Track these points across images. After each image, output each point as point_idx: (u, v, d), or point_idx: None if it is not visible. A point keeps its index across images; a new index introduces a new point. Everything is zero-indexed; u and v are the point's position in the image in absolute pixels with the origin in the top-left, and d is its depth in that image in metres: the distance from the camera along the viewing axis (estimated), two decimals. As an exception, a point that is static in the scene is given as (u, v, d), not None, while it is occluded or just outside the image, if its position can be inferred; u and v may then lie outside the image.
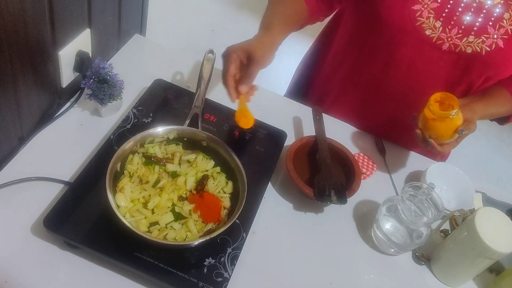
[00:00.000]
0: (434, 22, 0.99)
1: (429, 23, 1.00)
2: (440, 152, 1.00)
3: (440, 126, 0.96)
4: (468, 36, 1.00)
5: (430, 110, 0.95)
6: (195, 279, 0.82)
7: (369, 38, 1.10)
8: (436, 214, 0.94)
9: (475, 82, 1.08)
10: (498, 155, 3.07)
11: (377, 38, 1.07)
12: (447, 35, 1.00)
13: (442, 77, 1.08)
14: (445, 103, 0.96)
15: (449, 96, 0.95)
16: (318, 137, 1.09)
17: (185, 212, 0.89)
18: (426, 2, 0.99)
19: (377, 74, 1.13)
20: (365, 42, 1.11)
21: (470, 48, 1.01)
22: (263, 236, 0.96)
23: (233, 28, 3.19)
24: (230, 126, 1.09)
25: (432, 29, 1.00)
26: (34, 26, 0.84)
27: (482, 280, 1.03)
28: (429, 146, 0.98)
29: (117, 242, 0.83)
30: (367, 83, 1.17)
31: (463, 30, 1.00)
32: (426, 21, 1.00)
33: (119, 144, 0.92)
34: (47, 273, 0.81)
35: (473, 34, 1.00)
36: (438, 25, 1.00)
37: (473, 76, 1.07)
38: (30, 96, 0.92)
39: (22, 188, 0.90)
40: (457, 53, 1.02)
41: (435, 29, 1.00)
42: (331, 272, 0.95)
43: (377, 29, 1.05)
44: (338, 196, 0.99)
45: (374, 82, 1.16)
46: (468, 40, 1.00)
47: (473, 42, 1.00)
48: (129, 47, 1.25)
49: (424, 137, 0.99)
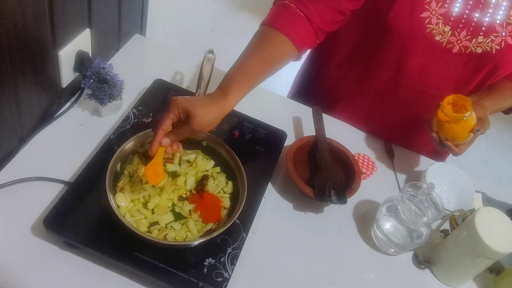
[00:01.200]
0: (443, 27, 0.99)
1: (438, 29, 0.99)
2: (457, 153, 1.02)
3: (456, 128, 0.97)
4: (477, 37, 1.00)
5: (444, 113, 0.96)
6: (195, 279, 0.82)
7: (377, 48, 1.09)
8: (436, 214, 0.94)
9: (486, 80, 1.09)
10: (498, 155, 3.07)
11: (386, 48, 1.06)
12: (456, 38, 1.00)
13: (453, 79, 1.08)
14: (457, 104, 0.97)
15: (461, 98, 0.97)
16: (318, 137, 1.09)
17: (185, 212, 0.89)
18: (434, 9, 0.99)
19: (387, 82, 1.13)
20: (373, 52, 1.10)
21: (480, 48, 1.01)
22: (263, 236, 0.96)
23: (233, 28, 3.19)
24: (230, 126, 1.09)
25: (442, 34, 1.00)
26: (34, 26, 0.84)
27: (482, 280, 1.03)
28: (445, 148, 1.00)
29: (117, 242, 0.83)
30: (376, 91, 1.17)
31: (471, 32, 1.00)
32: (435, 27, 0.99)
33: (119, 144, 0.92)
34: (47, 273, 0.81)
35: (481, 34, 1.00)
36: (447, 29, 0.99)
37: (484, 75, 1.07)
38: (30, 96, 0.92)
39: (22, 188, 0.90)
40: (467, 54, 1.02)
41: (444, 33, 1.00)
42: (331, 272, 0.95)
43: (385, 39, 1.04)
44: (338, 196, 0.99)
45: (384, 90, 1.15)
46: (477, 41, 1.01)
47: (483, 42, 1.00)
48: (129, 47, 1.25)
49: (440, 140, 1.00)
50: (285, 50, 0.90)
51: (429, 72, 1.07)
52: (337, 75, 1.23)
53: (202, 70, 1.06)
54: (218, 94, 0.84)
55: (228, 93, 0.83)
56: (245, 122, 1.11)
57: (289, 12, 0.91)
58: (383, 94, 1.16)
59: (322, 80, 1.29)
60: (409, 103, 1.15)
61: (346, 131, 1.24)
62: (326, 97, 1.29)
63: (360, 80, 1.18)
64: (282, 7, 0.92)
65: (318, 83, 1.31)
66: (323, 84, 1.29)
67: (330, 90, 1.28)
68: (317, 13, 0.91)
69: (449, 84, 1.09)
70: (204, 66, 1.06)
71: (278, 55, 0.90)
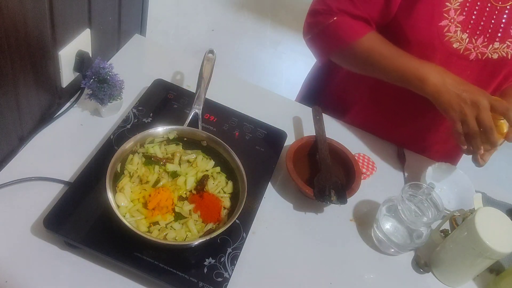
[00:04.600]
0: (461, 35, 0.99)
1: (456, 36, 1.00)
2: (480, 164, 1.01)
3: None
4: (493, 43, 1.01)
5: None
6: (195, 279, 0.82)
7: None
8: (436, 214, 0.94)
9: (502, 85, 1.10)
10: (498, 155, 3.06)
11: None
12: (473, 45, 1.01)
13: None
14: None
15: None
16: (318, 137, 1.09)
17: (185, 212, 0.89)
18: (452, 17, 0.99)
19: (402, 90, 1.11)
20: None
21: (497, 54, 1.02)
22: (263, 236, 0.96)
23: (233, 28, 3.19)
24: (230, 126, 1.09)
25: (459, 41, 1.00)
26: (34, 26, 0.84)
27: (482, 280, 1.03)
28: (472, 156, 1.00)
29: (117, 242, 0.83)
30: (390, 99, 1.16)
31: (488, 38, 1.01)
32: (453, 35, 0.99)
33: (119, 144, 0.92)
34: (47, 273, 0.81)
35: (497, 40, 1.01)
36: (464, 36, 1.00)
37: (500, 80, 1.08)
38: (30, 96, 0.92)
39: (22, 188, 0.90)
40: (483, 60, 1.03)
41: (462, 41, 1.00)
42: (331, 272, 0.95)
43: (402, 47, 1.03)
44: (338, 196, 0.99)
45: (398, 98, 1.14)
46: (493, 47, 1.01)
47: (499, 48, 1.01)
48: (129, 47, 1.25)
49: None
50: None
51: None
52: (350, 81, 1.23)
53: (202, 70, 1.06)
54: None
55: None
56: (245, 122, 1.11)
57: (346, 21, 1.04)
58: (397, 101, 1.16)
59: (333, 86, 1.29)
60: (423, 109, 1.14)
61: (346, 131, 1.24)
62: (337, 103, 1.28)
63: (374, 87, 1.17)
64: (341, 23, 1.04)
65: (328, 89, 1.31)
66: (334, 90, 1.29)
67: (341, 97, 1.27)
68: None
69: None
70: (204, 66, 1.06)
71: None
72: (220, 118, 1.10)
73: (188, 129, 1.00)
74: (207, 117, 1.09)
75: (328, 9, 1.05)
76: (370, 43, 1.03)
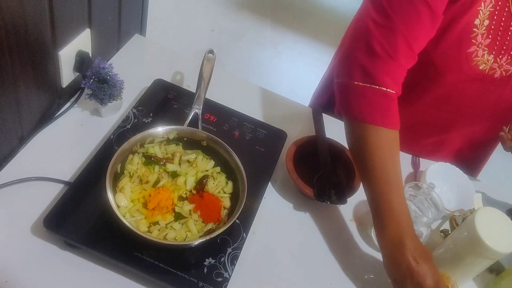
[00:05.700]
0: (487, 57, 1.00)
1: (483, 59, 1.00)
2: None
3: None
4: None
5: None
6: (195, 279, 0.82)
7: (418, 80, 1.04)
8: (436, 214, 0.94)
9: None
10: (498, 155, 3.07)
11: (428, 80, 1.05)
12: (498, 64, 1.01)
13: (492, 100, 1.09)
14: None
15: None
16: (318, 137, 1.09)
17: (185, 212, 0.89)
18: (480, 42, 0.98)
19: (424, 108, 1.10)
20: (413, 83, 1.02)
21: None
22: (263, 236, 0.96)
23: (233, 28, 3.19)
24: (230, 126, 1.09)
25: (485, 63, 1.00)
26: (34, 26, 0.84)
27: (482, 280, 1.03)
28: None
29: (117, 242, 0.83)
30: (411, 116, 1.14)
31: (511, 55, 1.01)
32: (481, 59, 0.99)
33: (119, 144, 0.92)
34: (47, 273, 0.81)
35: None
36: (490, 58, 1.00)
37: None
38: (30, 96, 0.92)
39: (22, 188, 0.90)
40: (507, 76, 1.03)
41: (488, 62, 1.00)
42: (331, 272, 0.95)
43: (429, 74, 1.02)
44: (338, 196, 0.99)
45: (419, 115, 1.13)
46: None
47: None
48: (129, 47, 1.25)
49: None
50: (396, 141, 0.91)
51: (469, 96, 1.07)
52: None
53: (202, 70, 1.06)
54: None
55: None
56: (245, 122, 1.11)
57: (384, 97, 0.89)
58: (418, 119, 1.15)
59: None
60: (444, 125, 1.14)
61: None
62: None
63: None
64: (373, 94, 0.88)
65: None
66: None
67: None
68: (393, 82, 0.89)
69: (488, 105, 1.09)
70: (204, 66, 1.06)
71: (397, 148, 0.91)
72: (220, 118, 1.10)
73: (188, 129, 1.00)
74: (207, 117, 1.09)
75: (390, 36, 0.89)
76: (383, 142, 0.90)
